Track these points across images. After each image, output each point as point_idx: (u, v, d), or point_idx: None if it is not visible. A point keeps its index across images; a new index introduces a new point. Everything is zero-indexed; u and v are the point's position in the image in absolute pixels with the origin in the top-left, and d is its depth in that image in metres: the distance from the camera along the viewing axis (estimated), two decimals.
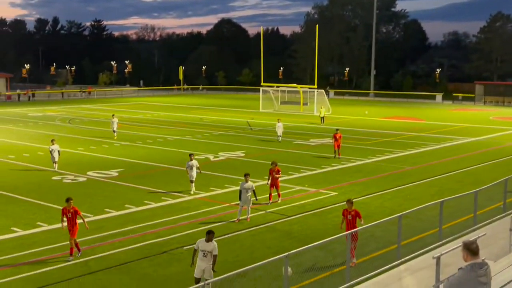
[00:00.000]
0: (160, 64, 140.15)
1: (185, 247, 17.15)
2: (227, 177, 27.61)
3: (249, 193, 20.11)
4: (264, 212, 21.28)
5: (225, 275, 10.95)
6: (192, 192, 24.06)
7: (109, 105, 74.74)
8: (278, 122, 40.19)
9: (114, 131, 40.70)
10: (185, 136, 42.68)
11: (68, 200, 16.84)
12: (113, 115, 42.97)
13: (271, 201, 22.51)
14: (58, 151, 28.77)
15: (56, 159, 28.67)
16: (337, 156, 32.81)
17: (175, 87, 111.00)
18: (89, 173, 28.58)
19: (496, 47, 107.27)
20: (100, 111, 65.89)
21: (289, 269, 12.00)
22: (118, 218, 20.42)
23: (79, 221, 16.58)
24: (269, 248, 17.15)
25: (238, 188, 21.61)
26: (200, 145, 38.11)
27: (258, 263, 11.78)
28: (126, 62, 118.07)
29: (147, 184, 25.92)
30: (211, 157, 33.45)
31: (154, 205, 22.24)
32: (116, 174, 28.47)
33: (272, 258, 12.13)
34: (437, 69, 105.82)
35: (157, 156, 33.68)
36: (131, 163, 31.54)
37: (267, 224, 19.75)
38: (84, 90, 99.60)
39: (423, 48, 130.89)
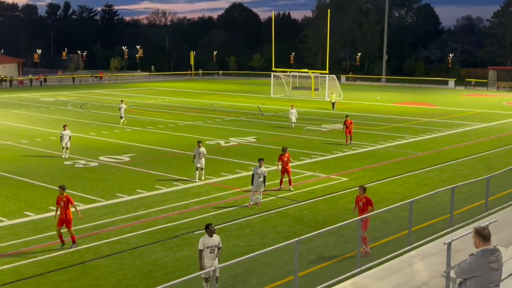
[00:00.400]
0: (171, 49, 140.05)
1: (196, 232, 17.24)
2: (238, 162, 27.65)
3: (261, 178, 20.14)
4: (275, 197, 21.32)
5: (236, 259, 11.00)
6: (199, 179, 23.76)
7: (120, 90, 74.93)
8: (292, 108, 39.80)
9: (121, 117, 40.71)
10: (196, 122, 42.74)
11: (61, 188, 16.11)
12: (121, 100, 43.06)
13: (281, 187, 22.46)
14: (69, 136, 28.88)
15: (68, 145, 28.74)
16: (349, 142, 32.58)
17: (191, 72, 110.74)
18: (101, 158, 28.73)
19: (510, 32, 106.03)
20: (112, 96, 66.06)
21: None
22: (130, 202, 20.55)
23: (72, 209, 16.05)
24: (280, 234, 17.20)
25: (249, 173, 21.70)
26: (211, 131, 38.16)
27: (269, 248, 11.82)
28: (137, 47, 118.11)
29: (158, 169, 26.03)
30: (222, 142, 33.49)
31: (165, 190, 22.34)
32: (128, 159, 28.60)
33: (282, 243, 12.17)
34: (450, 54, 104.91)
35: (168, 142, 33.78)
36: (143, 148, 31.66)
37: (278, 210, 19.80)
38: (95, 75, 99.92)
39: (436, 33, 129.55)
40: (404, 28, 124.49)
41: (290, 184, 22.57)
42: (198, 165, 23.82)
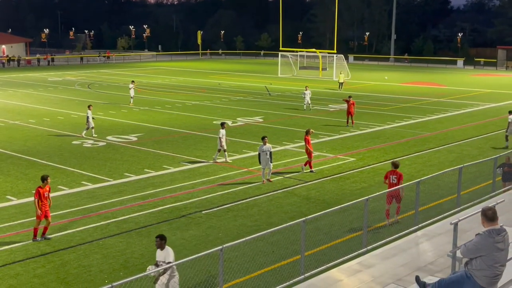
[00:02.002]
0: (178, 28, 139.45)
1: (203, 211, 17.34)
2: (245, 142, 27.68)
3: (268, 155, 20.25)
4: (282, 177, 21.36)
5: (243, 239, 11.06)
6: (228, 160, 23.54)
7: (128, 70, 74.87)
8: (306, 90, 39.20)
9: (131, 97, 40.53)
10: (204, 102, 42.71)
11: (45, 178, 15.26)
12: (132, 81, 42.92)
13: (304, 168, 22.17)
14: (91, 117, 28.99)
15: (91, 125, 28.83)
16: (350, 124, 32.10)
17: (202, 51, 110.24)
18: (109, 137, 28.82)
19: None
20: (119, 75, 66.04)
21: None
22: (138, 182, 20.65)
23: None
24: (287, 213, 17.27)
25: (256, 153, 21.74)
26: (218, 110, 38.14)
27: (276, 228, 11.86)
28: (145, 26, 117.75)
29: (166, 149, 26.10)
30: (229, 122, 33.46)
31: (173, 169, 22.42)
32: (136, 139, 28.68)
33: (289, 223, 12.22)
34: (459, 34, 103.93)
35: (175, 122, 33.81)
36: (150, 128, 31.72)
37: (284, 189, 19.85)
38: (103, 55, 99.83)
39: (445, 12, 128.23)
40: (412, 7, 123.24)
41: (308, 165, 22.26)
42: (221, 147, 23.26)
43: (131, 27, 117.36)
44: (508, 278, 7.60)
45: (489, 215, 7.35)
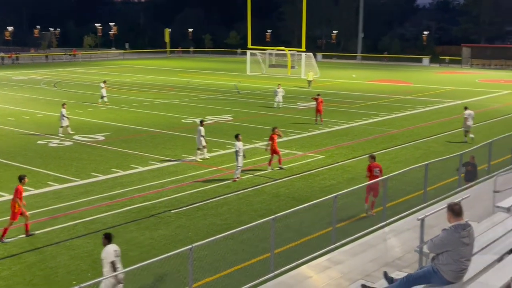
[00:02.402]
0: (145, 26, 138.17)
1: (172, 211, 17.24)
2: (214, 140, 27.58)
3: (242, 153, 20.48)
4: (252, 175, 21.37)
5: (213, 238, 11.04)
6: (198, 159, 23.52)
7: (95, 68, 73.94)
8: (279, 88, 39.19)
9: (102, 97, 39.90)
10: (172, 100, 42.45)
11: (23, 177, 15.59)
12: (104, 81, 42.29)
13: (269, 168, 22.20)
14: (66, 115, 28.80)
15: (66, 123, 28.70)
16: (319, 121, 32.30)
17: (170, 49, 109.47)
18: (75, 137, 28.42)
19: (484, 10, 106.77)
20: (86, 74, 65.17)
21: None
22: (105, 182, 20.41)
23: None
24: (257, 211, 17.28)
25: (226, 151, 21.77)
26: (187, 109, 37.96)
27: (245, 226, 11.87)
28: (111, 24, 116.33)
29: (134, 148, 25.86)
30: (198, 120, 33.28)
31: (141, 169, 22.23)
32: (103, 138, 28.35)
33: (259, 221, 12.23)
34: (425, 32, 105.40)
35: (143, 120, 33.52)
36: (118, 127, 31.39)
37: (254, 187, 19.86)
38: (69, 53, 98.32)
39: (411, 11, 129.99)
40: (379, 6, 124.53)
41: (278, 162, 22.40)
42: (198, 145, 23.62)
43: (98, 25, 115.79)
44: (474, 273, 7.73)
45: (456, 210, 7.46)
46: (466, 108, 28.63)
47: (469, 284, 7.52)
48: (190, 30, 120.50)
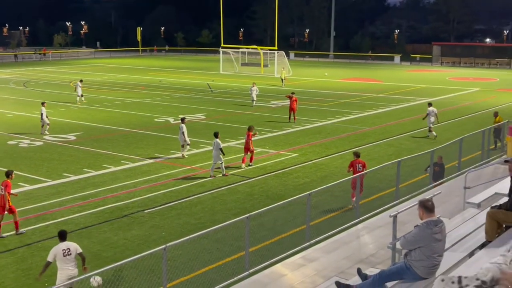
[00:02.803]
0: (117, 25, 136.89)
1: (146, 210, 17.12)
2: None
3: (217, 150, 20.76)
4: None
5: (187, 237, 10.99)
6: (182, 156, 23.74)
7: (65, 67, 72.99)
8: (253, 86, 39.21)
9: (80, 95, 39.59)
10: (144, 99, 42.15)
11: (12, 173, 15.58)
12: (80, 80, 41.82)
13: (243, 165, 22.40)
14: (46, 115, 28.76)
15: (46, 122, 28.71)
16: (292, 120, 32.41)
17: (142, 48, 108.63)
18: (46, 137, 28.04)
19: (454, 8, 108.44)
20: (56, 73, 64.29)
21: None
22: (77, 182, 20.18)
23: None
24: (231, 210, 17.27)
25: (199, 150, 21.71)
26: (159, 108, 37.72)
27: (220, 225, 11.85)
28: (82, 23, 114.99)
29: (106, 148, 25.61)
30: (171, 120, 33.18)
31: (113, 168, 22.03)
32: (74, 138, 28.02)
33: (233, 220, 12.22)
34: (396, 31, 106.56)
35: (115, 120, 33.22)
36: (89, 126, 31.05)
37: (228, 186, 19.84)
38: (38, 52, 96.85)
39: (382, 9, 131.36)
40: (350, 4, 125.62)
41: (251, 161, 22.71)
42: (181, 142, 24.01)
43: (68, 23, 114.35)
44: (445, 268, 7.84)
45: (429, 206, 7.55)
46: (430, 105, 29.39)
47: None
48: (162, 28, 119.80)
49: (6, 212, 15.06)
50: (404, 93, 46.82)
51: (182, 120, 24.49)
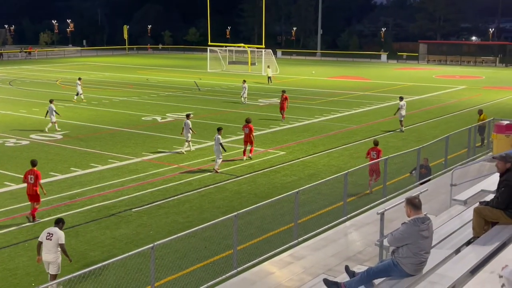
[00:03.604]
0: (103, 23, 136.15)
1: (133, 209, 17.06)
2: (175, 138, 27.41)
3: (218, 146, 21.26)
4: (213, 172, 21.32)
5: (175, 236, 10.98)
6: (183, 151, 24.21)
7: (51, 66, 72.50)
8: (244, 84, 39.33)
9: (78, 94, 39.56)
10: (131, 97, 41.98)
11: (37, 162, 16.78)
12: (79, 78, 41.60)
13: (245, 157, 23.27)
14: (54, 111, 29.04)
15: (53, 119, 28.86)
16: (282, 119, 32.38)
17: (129, 46, 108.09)
18: (32, 136, 27.85)
19: (440, 7, 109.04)
20: (42, 72, 63.85)
21: None
22: (64, 181, 20.06)
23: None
24: (219, 208, 17.26)
25: (186, 149, 21.61)
26: (147, 106, 37.59)
27: (208, 223, 11.84)
28: (68, 21, 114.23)
29: (93, 147, 25.48)
30: (158, 118, 33.09)
31: (101, 167, 21.93)
32: (61, 136, 27.85)
33: (221, 218, 12.21)
34: (382, 29, 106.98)
35: (102, 118, 33.05)
36: (76, 125, 30.87)
37: (216, 185, 19.83)
38: (24, 50, 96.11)
39: (369, 8, 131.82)
40: (338, 2, 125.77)
41: (251, 152, 23.63)
42: (186, 138, 24.49)
43: (54, 22, 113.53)
44: (432, 265, 7.90)
45: (416, 204, 7.60)
46: (401, 99, 30.24)
47: (428, 276, 7.68)
48: (149, 26, 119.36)
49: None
50: (391, 91, 47.02)
51: (188, 116, 25.05)
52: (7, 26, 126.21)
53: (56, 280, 10.40)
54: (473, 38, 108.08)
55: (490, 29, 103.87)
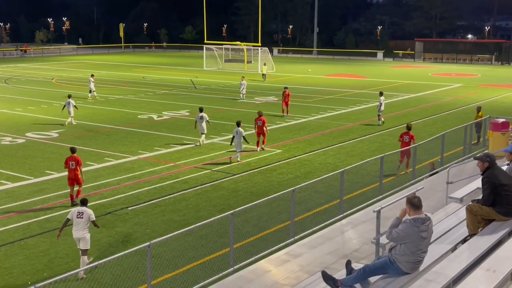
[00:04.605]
0: (99, 21, 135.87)
1: (129, 208, 17.04)
2: (171, 136, 27.40)
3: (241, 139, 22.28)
4: (209, 170, 21.31)
5: (171, 234, 10.97)
6: (200, 144, 25.12)
7: (47, 64, 72.32)
8: (242, 80, 39.90)
9: (91, 91, 39.83)
10: (128, 96, 41.91)
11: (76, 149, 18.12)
12: (92, 75, 41.67)
13: (258, 148, 24.29)
14: (74, 105, 30.42)
15: (72, 113, 30.20)
16: (285, 114, 33.24)
17: (124, 44, 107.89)
18: (28, 134, 27.78)
19: (436, 5, 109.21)
20: (38, 70, 63.69)
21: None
22: (60, 179, 20.00)
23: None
24: (215, 206, 17.25)
25: (183, 147, 21.65)
26: (143, 104, 37.54)
27: (204, 221, 11.83)
28: (64, 19, 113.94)
29: (89, 145, 25.43)
30: (154, 116, 33.06)
31: (97, 166, 21.89)
32: (57, 135, 27.79)
33: (218, 216, 12.21)
34: (379, 27, 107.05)
35: (98, 116, 32.99)
36: (72, 123, 30.78)
37: (212, 183, 19.81)
38: (20, 48, 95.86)
39: (365, 6, 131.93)
40: (334, 1, 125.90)
41: (263, 144, 24.75)
42: (200, 131, 25.31)
43: (50, 20, 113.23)
44: (428, 262, 7.91)
45: (415, 203, 7.59)
46: (381, 94, 31.36)
47: (424, 274, 7.69)
48: (145, 25, 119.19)
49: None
50: (387, 89, 47.02)
51: (201, 110, 25.77)
52: (2, 24, 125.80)
53: (84, 267, 11.87)
54: (469, 36, 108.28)
55: (486, 27, 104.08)
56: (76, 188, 17.49)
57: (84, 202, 13.24)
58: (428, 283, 7.39)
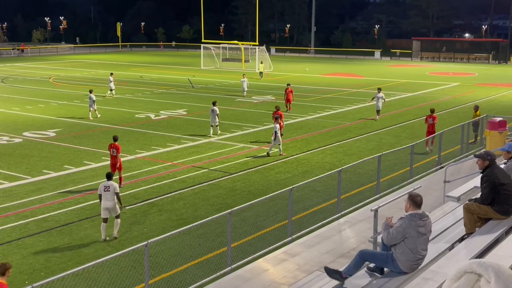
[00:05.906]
0: (96, 20, 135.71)
1: (127, 207, 17.03)
2: (168, 135, 27.39)
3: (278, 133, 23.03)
4: (207, 170, 21.31)
5: (169, 233, 10.97)
6: (211, 135, 26.67)
7: (44, 63, 72.22)
8: (243, 78, 40.59)
9: (110, 90, 40.10)
10: (125, 95, 41.87)
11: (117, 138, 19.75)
12: (111, 73, 41.74)
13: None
14: (93, 100, 31.33)
15: (95, 107, 31.49)
16: (288, 110, 33.69)
17: (127, 43, 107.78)
18: (25, 133, 27.74)
19: (433, 4, 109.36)
20: (35, 69, 63.59)
21: None
22: (57, 179, 20.00)
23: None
24: (213, 206, 17.25)
25: (180, 146, 21.61)
26: (140, 104, 37.51)
27: (202, 221, 11.84)
28: (61, 18, 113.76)
29: (86, 144, 25.41)
30: (152, 115, 33.03)
31: (94, 165, 21.87)
32: (54, 134, 27.76)
33: (215, 215, 12.21)
34: (376, 26, 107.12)
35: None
36: (69, 122, 30.77)
37: (210, 182, 19.81)
38: (17, 47, 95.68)
39: (362, 5, 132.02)
40: (331, 0, 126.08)
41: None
42: (212, 123, 26.84)
43: (47, 19, 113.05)
44: (426, 261, 7.93)
45: (417, 201, 7.67)
46: (379, 91, 32.10)
47: (422, 273, 7.71)
48: (143, 24, 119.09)
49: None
50: (384, 88, 46.97)
51: (214, 103, 26.98)
52: None
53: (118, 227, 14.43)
54: (466, 35, 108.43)
55: (483, 26, 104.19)
56: (115, 177, 17.97)
57: (109, 176, 15.00)
58: (426, 282, 7.41)
